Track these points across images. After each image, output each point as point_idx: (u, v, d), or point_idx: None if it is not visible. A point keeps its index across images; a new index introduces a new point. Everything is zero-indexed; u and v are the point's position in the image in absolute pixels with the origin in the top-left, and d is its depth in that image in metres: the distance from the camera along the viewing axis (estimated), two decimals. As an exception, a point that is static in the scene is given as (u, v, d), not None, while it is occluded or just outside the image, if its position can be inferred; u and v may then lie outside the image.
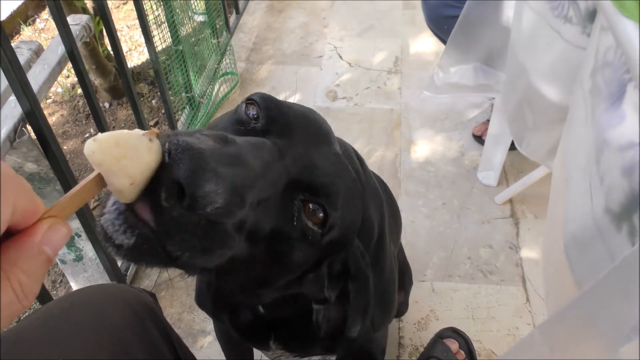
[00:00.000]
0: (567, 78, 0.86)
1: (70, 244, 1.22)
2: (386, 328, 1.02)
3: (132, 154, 0.35)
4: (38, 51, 1.14)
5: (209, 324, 1.28)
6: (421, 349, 1.19)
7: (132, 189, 0.36)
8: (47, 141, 0.98)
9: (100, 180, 0.36)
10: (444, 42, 1.37)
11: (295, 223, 0.49)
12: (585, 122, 0.63)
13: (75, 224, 1.15)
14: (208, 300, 0.79)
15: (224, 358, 1.03)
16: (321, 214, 0.50)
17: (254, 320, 0.74)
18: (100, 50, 1.96)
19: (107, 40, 1.84)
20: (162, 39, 1.54)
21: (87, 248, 1.23)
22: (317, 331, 0.70)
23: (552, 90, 0.96)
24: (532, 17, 0.96)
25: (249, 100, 0.53)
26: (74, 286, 1.33)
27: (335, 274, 0.60)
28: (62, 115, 2.08)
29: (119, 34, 1.29)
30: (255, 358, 1.06)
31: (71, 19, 1.21)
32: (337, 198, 0.51)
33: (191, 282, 1.37)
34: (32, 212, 0.32)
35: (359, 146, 1.67)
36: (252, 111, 0.52)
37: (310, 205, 0.50)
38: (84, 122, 2.03)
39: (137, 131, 0.37)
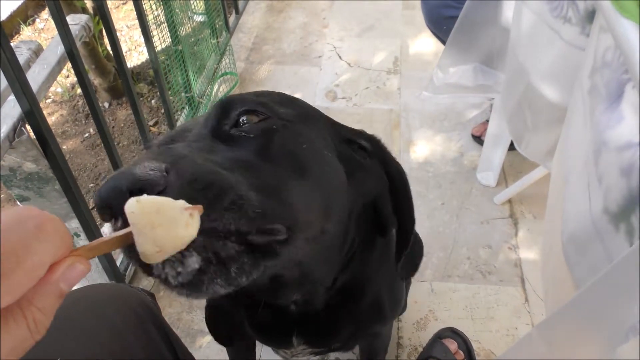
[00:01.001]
0: (566, 78, 0.86)
1: (70, 243, 1.21)
2: (391, 326, 1.03)
3: (168, 225, 0.35)
4: (37, 51, 1.14)
5: (208, 323, 1.28)
6: (420, 349, 1.20)
7: (157, 256, 0.36)
8: (46, 141, 0.98)
9: (130, 236, 0.35)
10: (444, 42, 1.37)
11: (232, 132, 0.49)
12: (584, 123, 0.63)
13: (75, 224, 1.15)
14: (223, 307, 0.78)
15: (223, 358, 1.03)
16: (254, 120, 0.50)
17: (278, 318, 0.72)
18: (100, 50, 1.96)
19: (106, 40, 1.84)
20: (161, 39, 1.54)
21: (86, 248, 1.22)
22: (342, 318, 0.73)
23: (552, 91, 0.96)
24: (531, 18, 0.96)
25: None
26: (73, 286, 1.33)
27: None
28: (61, 115, 2.08)
29: (118, 33, 1.29)
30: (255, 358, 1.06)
31: (71, 19, 1.20)
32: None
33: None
34: (64, 255, 0.33)
35: (358, 146, 1.67)
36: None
37: (241, 119, 0.50)
38: (83, 121, 2.03)
39: (182, 203, 0.36)
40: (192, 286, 0.38)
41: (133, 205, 0.34)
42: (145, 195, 0.35)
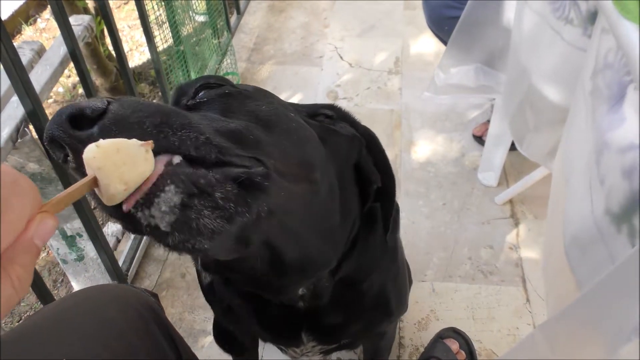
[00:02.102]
0: (568, 79, 0.87)
1: (72, 243, 1.22)
2: (396, 325, 1.03)
3: (130, 162, 0.36)
4: (40, 51, 1.14)
5: (209, 324, 1.28)
6: (421, 349, 1.20)
7: (124, 193, 0.37)
8: (49, 141, 0.98)
9: (92, 183, 0.36)
10: (445, 42, 1.37)
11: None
12: (585, 124, 0.63)
13: (77, 224, 1.15)
14: (231, 307, 0.78)
15: (226, 358, 1.04)
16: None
17: (286, 316, 0.72)
18: (102, 50, 1.96)
19: (108, 40, 1.84)
20: (163, 39, 1.54)
21: (88, 248, 1.23)
22: (350, 312, 0.73)
23: (553, 92, 0.96)
24: (533, 19, 0.96)
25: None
26: (75, 286, 1.34)
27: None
28: (63, 115, 2.08)
29: (120, 34, 1.29)
30: (257, 357, 1.06)
31: (73, 20, 1.21)
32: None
33: (192, 282, 1.37)
34: (35, 214, 0.34)
35: (359, 146, 1.67)
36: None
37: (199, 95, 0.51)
38: (85, 121, 2.03)
39: (135, 141, 0.38)
40: (183, 225, 0.38)
41: (93, 150, 0.36)
42: (102, 140, 0.36)
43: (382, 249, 0.73)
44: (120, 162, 0.36)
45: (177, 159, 0.39)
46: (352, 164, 0.63)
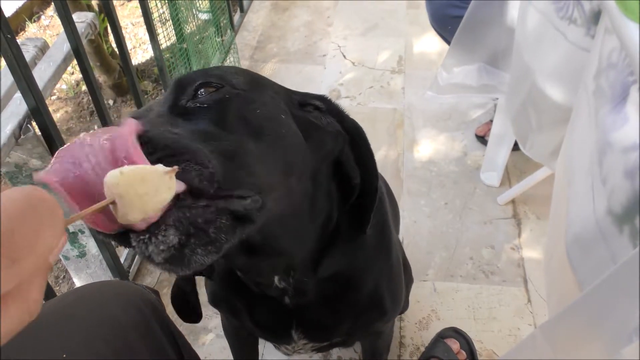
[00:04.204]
0: (571, 79, 0.86)
1: (74, 240, 1.22)
2: (393, 324, 1.03)
3: (152, 191, 0.35)
4: (43, 48, 1.14)
5: (210, 321, 1.28)
6: (422, 349, 1.20)
7: (141, 221, 0.36)
8: (51, 138, 0.99)
9: (107, 206, 0.35)
10: (448, 42, 1.37)
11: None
12: (588, 124, 0.63)
13: (79, 221, 1.15)
14: (224, 299, 0.79)
15: (226, 355, 1.04)
16: (210, 91, 0.51)
17: (275, 312, 0.73)
18: (105, 47, 1.97)
19: (111, 38, 1.85)
20: (166, 36, 1.54)
21: (90, 244, 1.23)
22: (341, 311, 0.74)
23: (557, 92, 0.96)
24: (536, 18, 0.96)
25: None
26: (77, 282, 1.34)
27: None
28: (66, 112, 2.08)
29: (123, 31, 1.30)
30: (258, 356, 1.06)
31: (77, 17, 1.21)
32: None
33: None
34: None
35: (362, 145, 1.67)
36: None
37: (198, 92, 0.51)
38: (88, 118, 2.04)
39: (160, 167, 0.36)
40: (175, 259, 0.39)
41: (117, 177, 0.34)
42: (126, 166, 0.35)
43: (375, 248, 0.73)
44: (143, 192, 0.35)
45: (181, 187, 0.39)
46: (332, 159, 0.64)
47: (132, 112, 0.56)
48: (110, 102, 2.08)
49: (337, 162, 0.64)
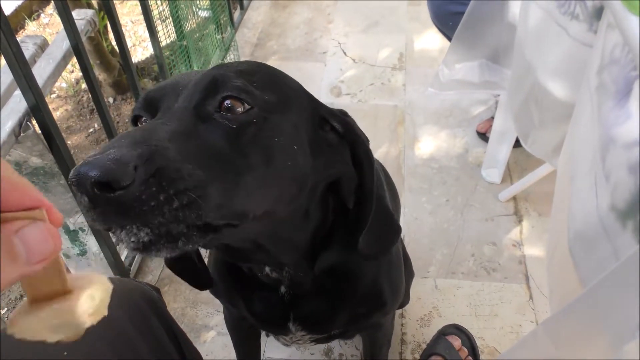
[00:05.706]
0: (574, 75, 0.86)
1: (74, 238, 1.22)
2: (393, 317, 1.03)
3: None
4: (43, 46, 1.14)
5: (211, 319, 1.28)
6: (424, 346, 1.20)
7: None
8: (51, 136, 0.98)
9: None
10: (449, 38, 1.36)
11: (224, 123, 0.51)
12: (591, 120, 0.62)
13: (80, 219, 1.15)
14: (222, 287, 0.79)
15: (227, 352, 1.04)
16: (238, 106, 0.51)
17: (271, 302, 0.74)
18: (105, 45, 1.96)
19: (111, 35, 1.84)
20: (166, 34, 1.54)
21: (90, 242, 1.23)
22: (339, 302, 0.74)
23: (559, 88, 0.95)
24: (538, 14, 0.95)
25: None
26: (78, 280, 1.34)
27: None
28: (66, 110, 2.08)
29: (123, 29, 1.29)
30: (260, 353, 1.06)
31: (76, 14, 1.21)
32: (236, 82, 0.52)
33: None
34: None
35: (362, 142, 1.67)
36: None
37: (226, 102, 0.51)
38: (88, 117, 2.04)
39: (109, 284, 0.40)
40: (144, 250, 0.45)
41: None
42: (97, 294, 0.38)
43: None
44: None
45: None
46: (335, 179, 0.64)
47: (160, 86, 0.56)
48: (110, 100, 2.08)
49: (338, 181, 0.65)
